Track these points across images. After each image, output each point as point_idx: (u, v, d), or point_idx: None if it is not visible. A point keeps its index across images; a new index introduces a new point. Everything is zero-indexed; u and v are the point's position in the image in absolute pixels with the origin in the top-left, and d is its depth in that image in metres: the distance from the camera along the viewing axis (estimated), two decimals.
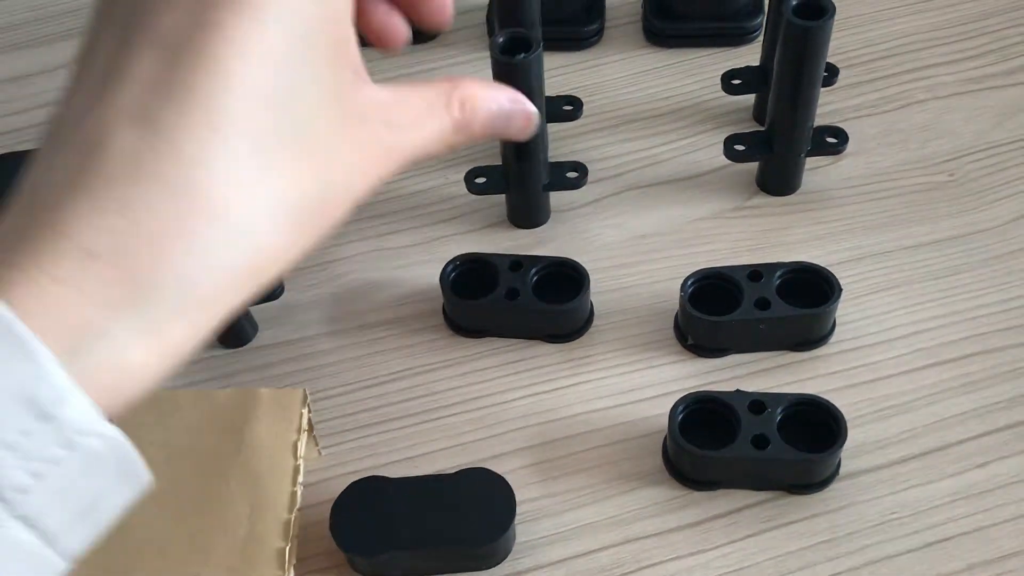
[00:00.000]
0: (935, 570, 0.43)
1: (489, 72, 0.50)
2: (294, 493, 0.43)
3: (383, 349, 0.52)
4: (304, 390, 0.46)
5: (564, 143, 0.61)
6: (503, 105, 0.35)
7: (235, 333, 0.53)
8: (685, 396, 0.46)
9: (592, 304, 0.53)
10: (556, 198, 0.57)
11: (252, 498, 0.43)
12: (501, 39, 0.49)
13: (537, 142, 0.52)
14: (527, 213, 0.57)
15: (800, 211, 0.57)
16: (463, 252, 0.53)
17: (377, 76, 0.30)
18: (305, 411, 0.45)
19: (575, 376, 0.51)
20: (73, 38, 0.70)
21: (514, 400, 0.50)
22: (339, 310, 0.54)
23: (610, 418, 0.49)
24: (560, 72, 0.65)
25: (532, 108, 0.37)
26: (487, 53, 0.50)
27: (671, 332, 0.52)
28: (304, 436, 0.45)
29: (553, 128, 0.60)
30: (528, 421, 0.49)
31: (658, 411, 0.49)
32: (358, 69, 0.30)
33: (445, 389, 0.51)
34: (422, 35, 0.66)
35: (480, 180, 0.55)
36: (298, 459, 0.44)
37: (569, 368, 0.51)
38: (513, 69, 0.48)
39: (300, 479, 0.44)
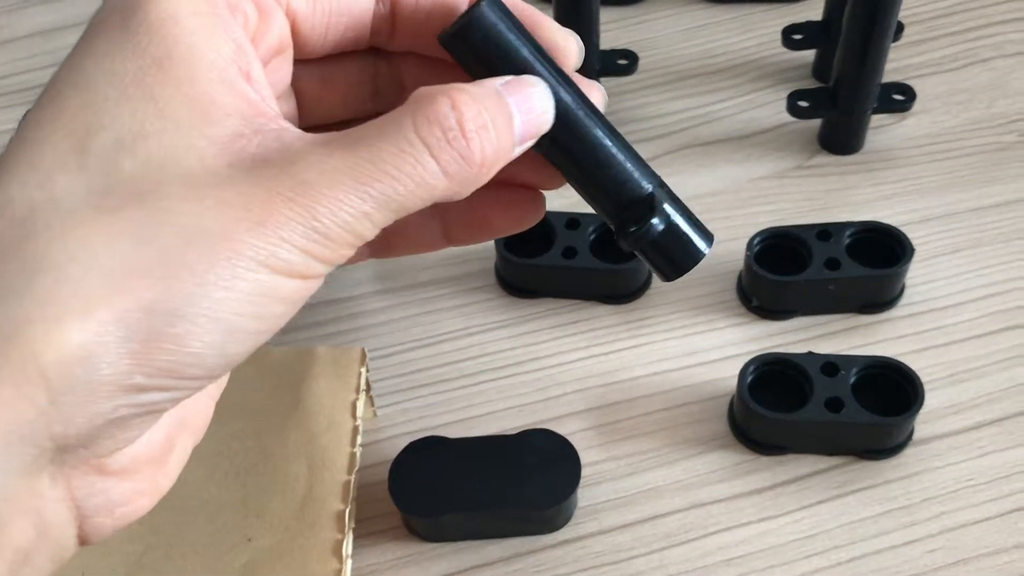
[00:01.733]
0: (1014, 539, 0.41)
1: None
2: (353, 454, 0.42)
3: (435, 309, 0.51)
4: (363, 349, 0.44)
5: (618, 99, 0.59)
6: (506, 106, 0.26)
7: None
8: (756, 357, 0.44)
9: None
10: None
11: (309, 458, 0.42)
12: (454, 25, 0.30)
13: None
14: None
15: (864, 171, 0.55)
16: None
17: None
18: (363, 370, 0.44)
19: (634, 338, 0.49)
20: None
21: (572, 362, 0.48)
22: (389, 268, 0.53)
23: (672, 381, 0.47)
24: (613, 27, 0.63)
25: (536, 82, 0.27)
26: (539, 6, 0.48)
27: (733, 294, 0.50)
28: (362, 396, 0.44)
29: (607, 83, 0.58)
30: (586, 383, 0.48)
31: (722, 374, 0.47)
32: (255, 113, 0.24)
33: (500, 350, 0.49)
34: None
35: None
36: (356, 419, 0.43)
37: (627, 330, 0.49)
38: None
39: (359, 440, 0.42)
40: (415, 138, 0.24)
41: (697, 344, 0.49)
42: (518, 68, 0.27)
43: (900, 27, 0.56)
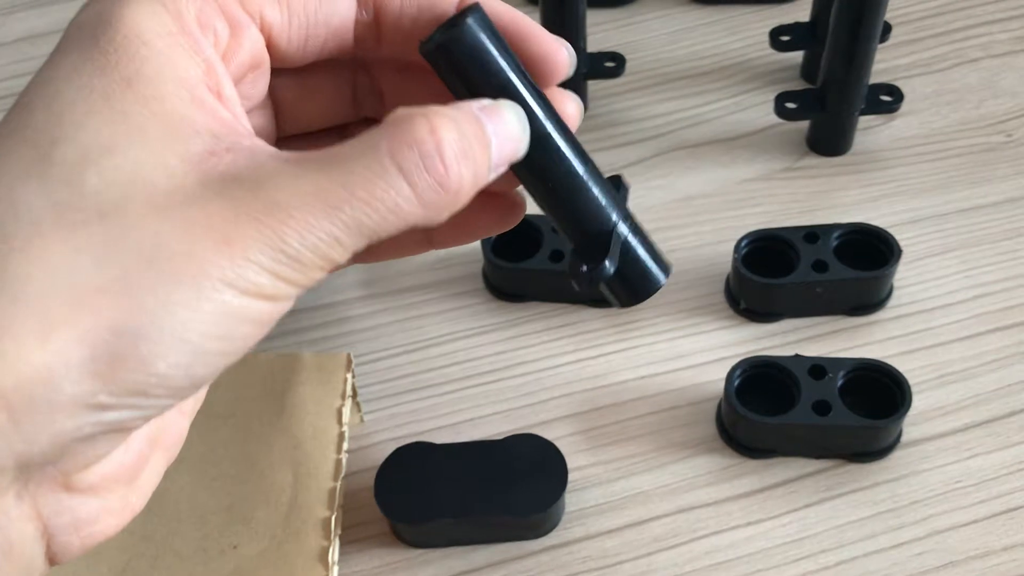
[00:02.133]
0: (1003, 541, 0.41)
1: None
2: (339, 461, 0.42)
3: (422, 313, 0.51)
4: (348, 354, 0.44)
5: (606, 101, 0.59)
6: (483, 133, 0.25)
7: None
8: (743, 360, 0.44)
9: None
10: (599, 159, 0.55)
11: (295, 465, 0.42)
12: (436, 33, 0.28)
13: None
14: None
15: (852, 172, 0.55)
16: None
17: None
18: (349, 376, 0.44)
19: (622, 342, 0.49)
20: None
21: (559, 366, 0.48)
22: (375, 273, 0.52)
23: (660, 385, 0.47)
24: (601, 29, 0.62)
25: (512, 108, 0.26)
26: (525, 9, 0.48)
27: (721, 296, 0.50)
28: (348, 402, 0.43)
29: (594, 86, 0.58)
30: (574, 387, 0.47)
31: (710, 377, 0.47)
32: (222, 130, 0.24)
33: (488, 354, 0.49)
34: None
35: None
36: (343, 426, 0.43)
37: (615, 334, 0.49)
38: None
39: (345, 447, 0.42)
40: (389, 163, 0.23)
41: (685, 347, 0.48)
42: (498, 88, 0.26)
43: (887, 28, 0.56)
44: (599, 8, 0.63)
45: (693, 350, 0.48)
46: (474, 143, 0.24)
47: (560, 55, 0.28)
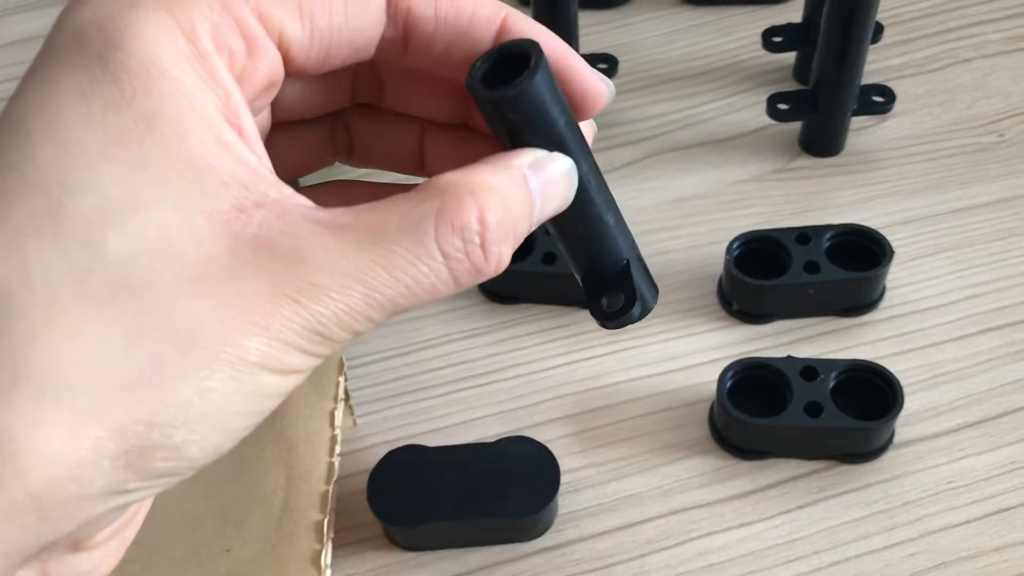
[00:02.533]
0: (995, 541, 0.41)
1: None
2: (331, 464, 0.42)
3: (415, 316, 0.51)
4: (341, 358, 0.44)
5: None
6: (530, 201, 0.24)
7: None
8: (735, 362, 0.44)
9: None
10: None
11: (288, 469, 0.42)
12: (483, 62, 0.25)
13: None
14: None
15: (845, 173, 0.55)
16: None
17: None
18: (342, 379, 0.44)
19: (614, 344, 0.49)
20: None
21: (552, 368, 0.48)
22: None
23: (652, 386, 0.47)
24: (593, 30, 0.63)
25: (564, 165, 0.25)
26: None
27: (714, 297, 0.50)
28: (340, 405, 0.43)
29: None
30: (567, 389, 0.47)
31: (702, 379, 0.47)
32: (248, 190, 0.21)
33: (481, 357, 0.49)
34: None
35: None
36: (335, 429, 0.43)
37: (608, 335, 0.49)
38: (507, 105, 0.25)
39: (337, 450, 0.42)
40: (435, 249, 0.21)
41: (677, 349, 0.48)
42: (551, 141, 0.25)
43: (879, 28, 0.56)
44: (591, 9, 0.63)
45: (686, 351, 0.48)
46: (519, 217, 0.23)
47: (602, 95, 0.26)
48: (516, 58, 0.24)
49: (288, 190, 0.22)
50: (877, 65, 0.59)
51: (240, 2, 0.22)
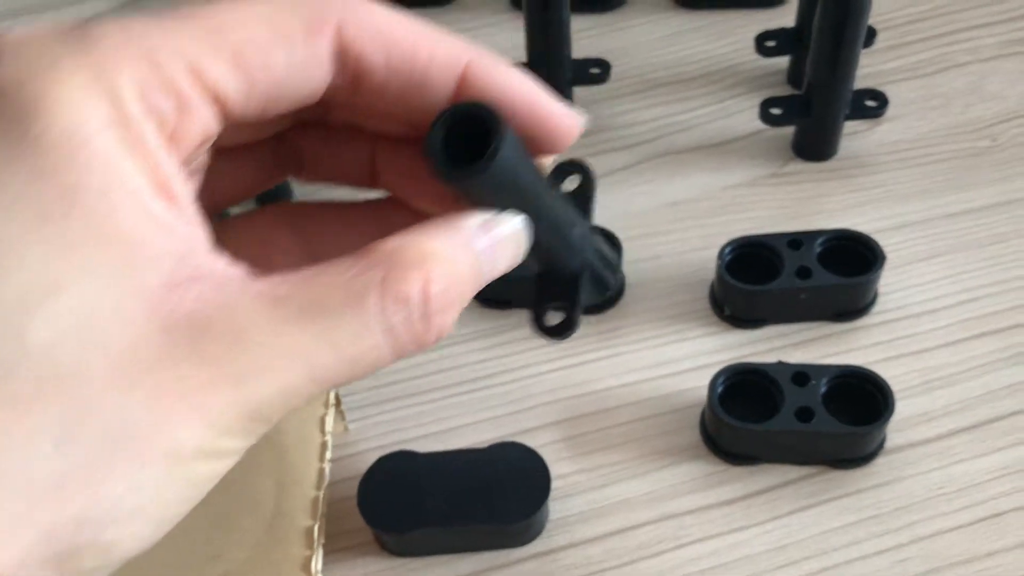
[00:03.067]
0: (986, 547, 0.41)
1: (503, 38, 0.47)
2: (322, 469, 0.42)
3: None
4: None
5: (591, 107, 0.59)
6: (477, 266, 0.23)
7: None
8: (726, 367, 0.44)
9: (624, 274, 0.51)
10: None
11: (278, 474, 0.42)
12: (440, 127, 0.23)
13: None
14: None
15: (838, 177, 0.55)
16: None
17: None
18: None
19: (606, 348, 0.49)
20: (74, 5, 0.68)
21: (543, 373, 0.48)
22: None
23: (644, 391, 0.47)
24: (586, 35, 0.63)
25: (515, 226, 0.24)
26: (508, 16, 0.47)
27: (706, 302, 0.50)
28: (331, 411, 0.43)
29: (580, 92, 0.58)
30: (559, 395, 0.47)
31: (694, 384, 0.47)
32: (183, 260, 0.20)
33: (472, 362, 0.49)
34: None
35: None
36: (325, 435, 0.43)
37: (600, 340, 0.49)
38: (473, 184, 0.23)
39: (328, 455, 0.42)
40: (376, 323, 0.21)
41: (669, 354, 0.48)
42: (509, 205, 0.24)
43: (873, 33, 0.56)
44: (584, 14, 0.63)
45: (677, 357, 0.48)
46: (464, 283, 0.22)
47: (573, 131, 0.25)
48: (477, 121, 0.22)
49: (224, 260, 0.21)
50: (870, 69, 0.59)
51: (171, 59, 0.21)
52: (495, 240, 0.23)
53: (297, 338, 0.20)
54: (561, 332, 0.28)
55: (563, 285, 0.28)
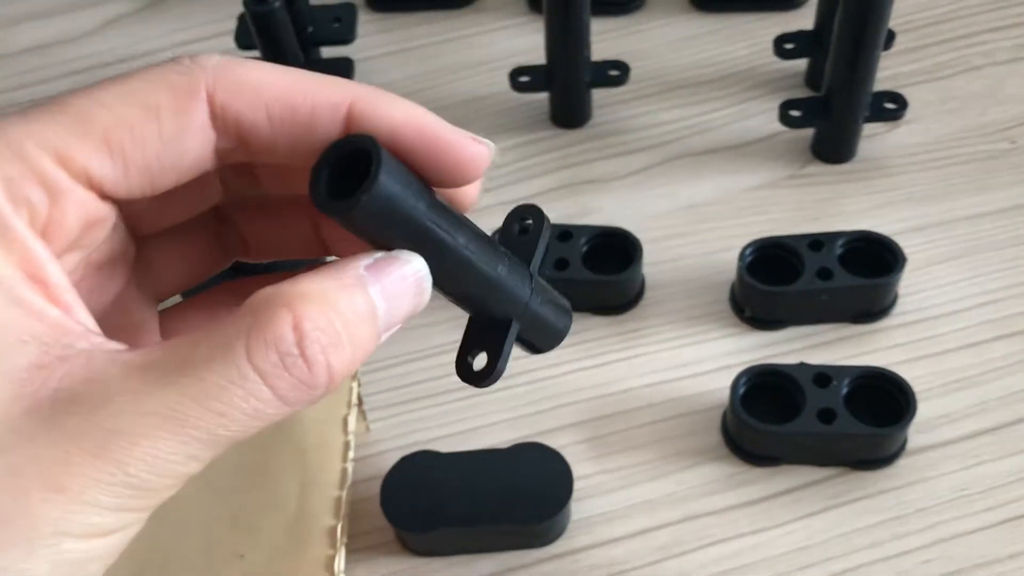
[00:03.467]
0: (1009, 549, 0.41)
1: (522, 41, 0.47)
2: (344, 469, 0.42)
3: (427, 322, 0.51)
4: None
5: (610, 109, 0.59)
6: (368, 306, 0.22)
7: None
8: (747, 369, 0.44)
9: (643, 275, 0.51)
10: (603, 168, 0.56)
11: (301, 474, 0.42)
12: (322, 163, 0.23)
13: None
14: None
15: (857, 179, 0.55)
16: None
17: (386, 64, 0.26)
18: (355, 385, 0.44)
19: (627, 350, 0.49)
20: (96, 5, 0.68)
21: (564, 374, 0.48)
22: None
23: (665, 393, 0.47)
24: (605, 37, 0.63)
25: (410, 265, 0.23)
26: (527, 18, 0.47)
27: (726, 304, 0.50)
28: (354, 411, 0.43)
29: (599, 94, 0.58)
30: (579, 396, 0.47)
31: (715, 385, 0.47)
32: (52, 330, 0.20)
33: None
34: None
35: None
36: (348, 435, 0.43)
37: (620, 341, 0.49)
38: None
39: (350, 455, 0.42)
40: (248, 368, 0.20)
41: (690, 355, 0.48)
42: (402, 237, 0.23)
43: (891, 35, 0.56)
44: (604, 16, 0.63)
45: (698, 358, 0.48)
46: (353, 322, 0.21)
47: (482, 160, 0.24)
48: (362, 155, 0.22)
49: (99, 339, 0.21)
50: (889, 72, 0.59)
51: (36, 150, 0.21)
52: (389, 279, 0.22)
53: (160, 398, 0.20)
54: (481, 379, 0.26)
55: (494, 330, 0.27)
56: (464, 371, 0.27)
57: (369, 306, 0.22)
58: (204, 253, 0.27)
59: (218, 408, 0.20)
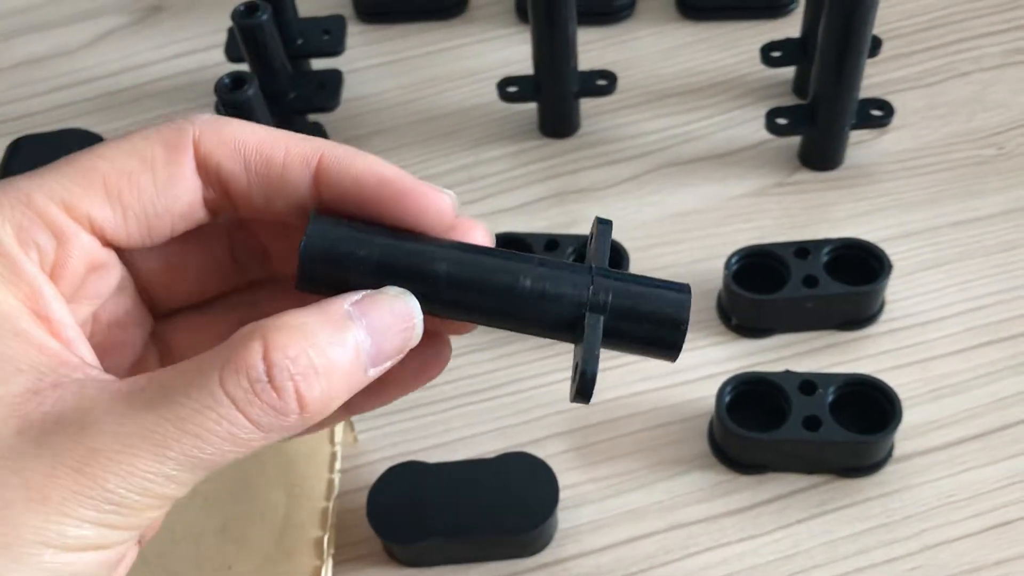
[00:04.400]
0: (996, 555, 0.41)
1: (511, 51, 0.47)
2: (331, 480, 0.42)
3: None
4: None
5: (598, 118, 0.59)
6: (353, 340, 0.23)
7: None
8: (733, 377, 0.44)
9: None
10: (592, 177, 0.56)
11: (288, 485, 0.42)
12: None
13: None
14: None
15: (844, 187, 0.55)
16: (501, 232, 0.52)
17: (380, 72, 0.27)
18: None
19: (614, 358, 0.49)
20: (90, 19, 0.69)
21: (551, 384, 0.48)
22: None
23: (652, 401, 0.47)
24: (592, 47, 0.63)
25: (396, 299, 0.24)
26: (516, 29, 0.47)
27: (714, 312, 0.50)
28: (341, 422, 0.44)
29: (587, 104, 0.59)
30: (566, 405, 0.48)
31: (702, 394, 0.47)
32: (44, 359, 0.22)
33: (480, 372, 0.49)
34: (445, 10, 0.65)
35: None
36: (335, 445, 0.43)
37: (606, 351, 0.49)
38: None
39: (337, 466, 0.42)
40: (220, 393, 0.21)
41: (676, 363, 0.48)
42: (377, 274, 0.25)
43: (877, 42, 0.56)
44: (591, 26, 0.63)
45: (685, 366, 0.48)
46: (333, 355, 0.22)
47: (444, 208, 0.25)
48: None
49: (94, 371, 0.23)
50: (876, 79, 0.59)
51: (43, 199, 0.23)
52: (374, 313, 0.23)
53: (140, 421, 0.21)
54: (578, 385, 0.26)
55: (578, 339, 0.26)
56: (571, 391, 0.27)
57: (352, 340, 0.23)
58: (209, 267, 0.29)
59: (194, 431, 0.21)
